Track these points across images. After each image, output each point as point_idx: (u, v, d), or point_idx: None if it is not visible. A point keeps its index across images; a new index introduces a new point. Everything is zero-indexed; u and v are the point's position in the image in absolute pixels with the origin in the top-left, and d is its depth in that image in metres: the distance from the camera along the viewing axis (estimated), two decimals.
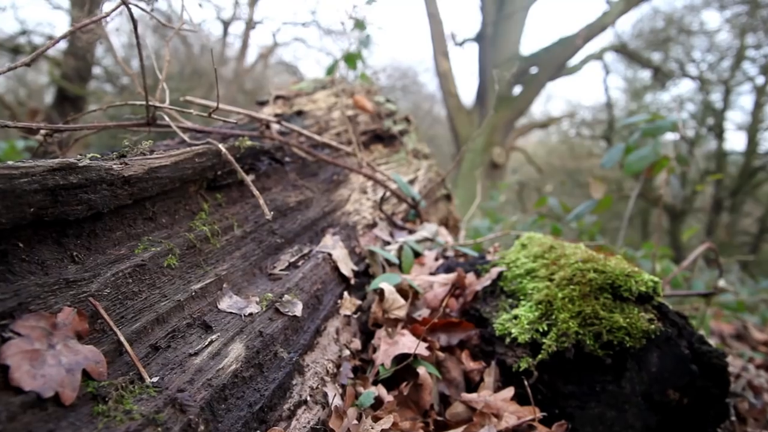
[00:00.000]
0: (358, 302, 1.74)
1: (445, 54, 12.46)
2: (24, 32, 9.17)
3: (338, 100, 3.01)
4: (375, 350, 1.66)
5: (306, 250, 1.73)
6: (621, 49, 13.92)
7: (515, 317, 1.68)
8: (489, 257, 2.13)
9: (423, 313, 1.85)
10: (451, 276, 1.97)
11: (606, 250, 1.89)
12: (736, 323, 4.32)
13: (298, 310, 1.40)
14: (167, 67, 1.70)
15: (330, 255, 1.75)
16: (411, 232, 2.35)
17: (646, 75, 15.19)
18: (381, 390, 1.50)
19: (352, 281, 1.79)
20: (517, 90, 12.70)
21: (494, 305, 1.82)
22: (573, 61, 13.18)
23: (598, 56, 13.68)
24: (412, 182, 2.84)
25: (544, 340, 1.58)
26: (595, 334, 1.56)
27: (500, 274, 1.93)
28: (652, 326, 1.55)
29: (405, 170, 2.92)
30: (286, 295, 1.43)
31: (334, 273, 1.73)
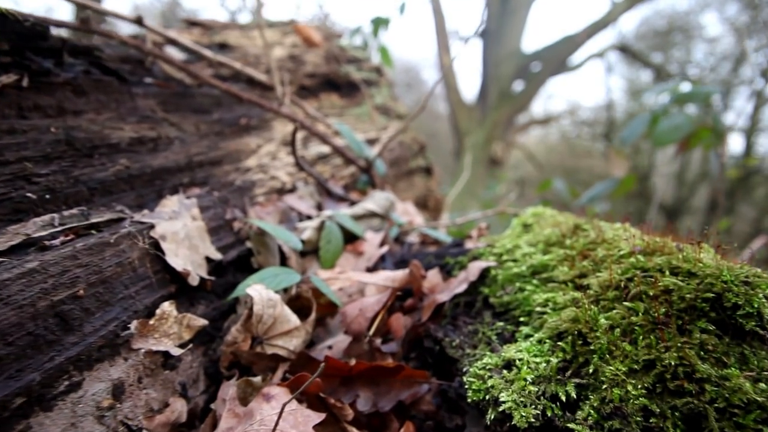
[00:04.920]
0: (201, 323, 0.81)
1: (447, 49, 11.48)
2: None
3: (283, 39, 2.08)
4: (215, 426, 0.74)
5: (99, 219, 0.80)
6: (623, 48, 12.84)
7: (508, 365, 0.74)
8: (469, 244, 1.19)
9: (337, 343, 0.92)
10: (399, 274, 1.03)
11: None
12: None
13: None
14: None
15: (149, 229, 0.82)
16: (355, 204, 1.41)
17: (646, 75, 14.08)
18: None
19: (196, 280, 0.86)
20: (519, 86, 11.70)
21: (470, 332, 0.88)
22: (575, 59, 12.14)
23: (599, 54, 12.61)
24: (372, 143, 1.90)
25: (571, 425, 0.64)
26: (684, 416, 0.62)
27: (484, 273, 1.00)
28: None
29: (365, 128, 1.98)
30: None
31: (144, 264, 0.80)
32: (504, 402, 0.68)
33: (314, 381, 0.75)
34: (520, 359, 0.73)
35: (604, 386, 0.67)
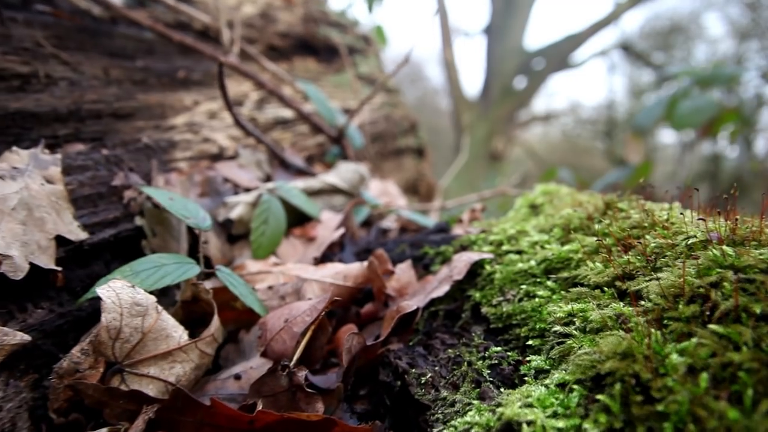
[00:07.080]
0: (18, 340, 0.48)
1: (450, 44, 11.11)
2: None
3: None
4: None
5: None
6: (625, 47, 12.44)
7: (509, 428, 0.41)
8: (457, 230, 0.86)
9: (248, 370, 0.60)
10: (355, 268, 0.71)
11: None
12: None
13: None
14: None
15: None
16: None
17: (648, 75, 13.66)
18: None
19: (22, 271, 0.53)
20: (521, 83, 11.35)
21: (450, 360, 0.56)
22: (578, 57, 11.75)
23: (602, 53, 12.22)
24: (350, 113, 1.57)
25: None
26: None
27: (475, 270, 0.67)
28: None
29: (344, 97, 1.65)
30: None
31: None
32: None
33: None
34: (529, 422, 0.41)
35: None
